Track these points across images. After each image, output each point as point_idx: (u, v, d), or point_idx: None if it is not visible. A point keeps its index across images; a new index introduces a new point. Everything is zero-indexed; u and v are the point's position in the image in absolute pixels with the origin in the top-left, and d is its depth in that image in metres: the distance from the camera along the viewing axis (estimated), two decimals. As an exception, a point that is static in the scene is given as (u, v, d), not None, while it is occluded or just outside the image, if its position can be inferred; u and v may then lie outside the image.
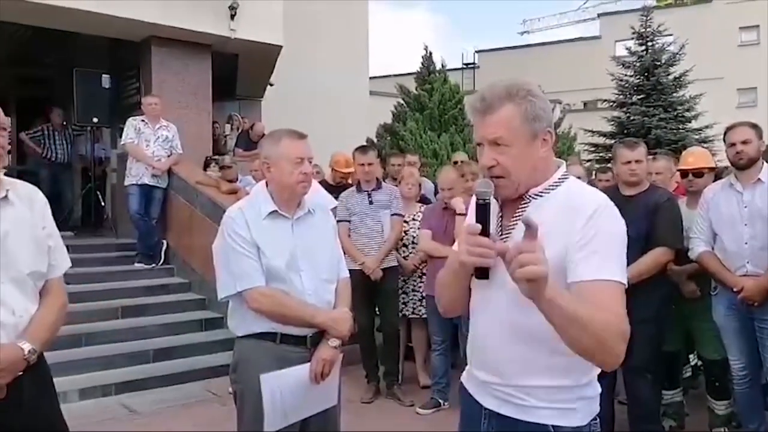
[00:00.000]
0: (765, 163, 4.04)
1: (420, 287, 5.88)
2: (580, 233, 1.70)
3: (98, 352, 6.13)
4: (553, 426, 1.79)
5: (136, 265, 7.86)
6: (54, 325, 2.30)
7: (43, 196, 2.40)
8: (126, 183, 7.95)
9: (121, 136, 8.10)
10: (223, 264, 2.75)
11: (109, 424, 5.05)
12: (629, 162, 4.22)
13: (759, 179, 3.98)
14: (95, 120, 8.82)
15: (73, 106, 8.89)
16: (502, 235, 1.84)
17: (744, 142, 4.00)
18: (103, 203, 9.36)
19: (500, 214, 1.88)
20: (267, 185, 2.83)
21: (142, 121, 7.94)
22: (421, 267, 5.84)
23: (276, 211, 2.76)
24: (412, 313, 5.93)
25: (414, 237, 5.83)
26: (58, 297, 2.35)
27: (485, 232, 1.71)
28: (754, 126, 4.10)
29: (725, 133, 4.19)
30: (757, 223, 3.89)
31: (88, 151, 9.50)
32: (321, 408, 2.80)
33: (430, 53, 14.85)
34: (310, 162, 2.80)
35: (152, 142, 7.91)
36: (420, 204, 6.07)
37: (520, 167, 1.78)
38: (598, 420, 1.87)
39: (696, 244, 4.21)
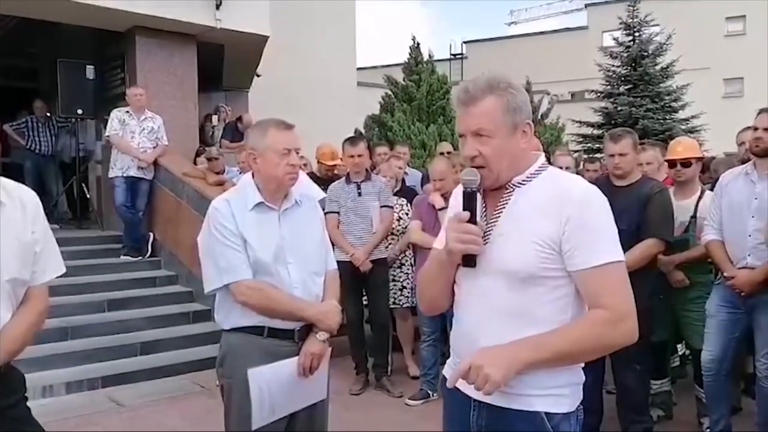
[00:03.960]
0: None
1: (400, 277, 5.92)
2: (570, 221, 1.76)
3: (84, 345, 6.08)
4: (545, 413, 1.82)
5: (123, 257, 7.83)
6: (24, 335, 2.17)
7: (36, 197, 2.28)
8: (111, 175, 7.91)
9: (106, 128, 8.02)
10: (208, 257, 2.69)
11: (96, 418, 5.02)
12: (612, 155, 4.18)
13: None
14: (79, 111, 8.72)
15: (57, 98, 8.79)
16: (488, 223, 1.89)
17: (767, 129, 3.84)
18: (88, 195, 9.27)
19: (484, 204, 1.93)
20: (253, 176, 2.78)
21: (127, 112, 7.88)
22: (400, 257, 5.89)
23: (263, 202, 2.71)
24: (393, 303, 5.94)
25: (394, 228, 5.83)
26: (37, 305, 2.22)
27: (473, 220, 1.79)
28: None
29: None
30: (765, 217, 3.77)
31: (73, 143, 9.41)
32: (309, 402, 2.78)
33: (418, 44, 14.81)
34: (298, 153, 2.75)
35: (137, 133, 7.85)
36: (395, 197, 6.02)
37: (501, 158, 1.84)
38: (582, 407, 1.92)
39: (707, 231, 4.17)
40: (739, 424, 4.36)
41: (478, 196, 1.89)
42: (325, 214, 5.01)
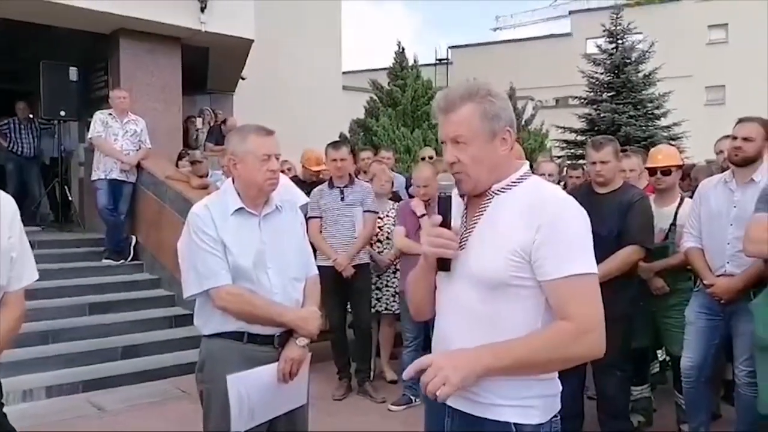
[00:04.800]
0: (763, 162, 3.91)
1: (393, 282, 5.90)
2: (541, 230, 1.75)
3: (65, 349, 6.04)
4: (514, 424, 1.81)
5: (105, 260, 7.78)
6: (0, 340, 2.16)
7: (14, 203, 2.25)
8: (93, 177, 7.86)
9: (89, 130, 7.98)
10: (188, 262, 2.69)
11: (77, 423, 4.97)
12: (594, 163, 4.19)
13: (752, 179, 3.87)
14: (62, 113, 8.69)
15: (40, 99, 8.72)
16: (467, 229, 1.90)
17: (746, 139, 3.87)
18: (70, 197, 9.21)
19: (465, 210, 1.94)
20: (233, 182, 2.78)
21: (110, 114, 7.85)
22: (395, 262, 5.86)
23: (243, 208, 2.71)
24: (385, 308, 5.93)
25: (389, 233, 5.83)
26: (14, 311, 2.21)
27: (446, 224, 1.81)
28: (765, 124, 3.92)
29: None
30: (743, 225, 3.74)
31: (55, 145, 9.34)
32: (289, 408, 2.77)
33: (403, 49, 14.85)
34: (278, 158, 2.75)
35: (120, 136, 7.82)
36: (392, 201, 6.06)
37: (479, 164, 1.84)
38: (559, 417, 1.90)
39: (686, 238, 4.20)
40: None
41: (456, 201, 1.90)
42: (308, 218, 5.00)
